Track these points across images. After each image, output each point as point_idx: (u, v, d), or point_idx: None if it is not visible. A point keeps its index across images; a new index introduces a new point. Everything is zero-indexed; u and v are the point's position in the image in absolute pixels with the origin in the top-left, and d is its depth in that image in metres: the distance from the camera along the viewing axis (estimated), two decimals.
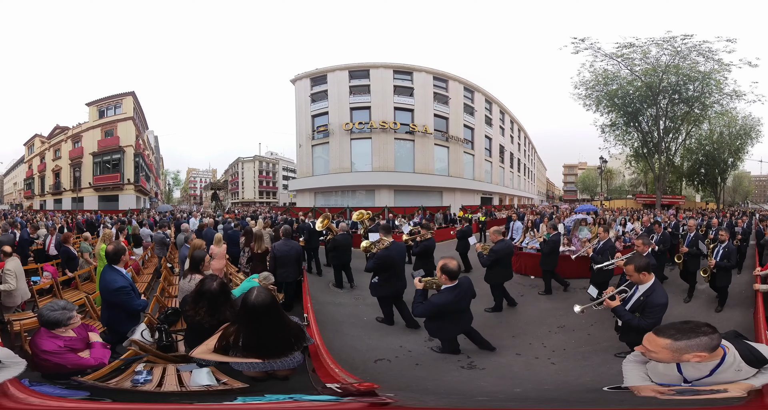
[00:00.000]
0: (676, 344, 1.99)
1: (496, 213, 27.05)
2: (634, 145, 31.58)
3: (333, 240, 8.53)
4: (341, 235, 8.49)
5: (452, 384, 4.27)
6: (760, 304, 5.50)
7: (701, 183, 36.29)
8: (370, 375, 4.48)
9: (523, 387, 4.25)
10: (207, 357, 2.74)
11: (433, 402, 2.60)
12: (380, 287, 5.94)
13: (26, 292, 5.88)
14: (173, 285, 7.49)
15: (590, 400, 2.54)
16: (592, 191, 50.38)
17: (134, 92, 34.65)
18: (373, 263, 5.96)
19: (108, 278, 4.21)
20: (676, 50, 26.29)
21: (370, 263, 6.10)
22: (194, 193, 67.73)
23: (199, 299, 3.38)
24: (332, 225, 9.28)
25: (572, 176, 64.59)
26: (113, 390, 2.62)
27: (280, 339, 2.70)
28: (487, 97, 35.52)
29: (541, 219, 13.31)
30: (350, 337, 5.81)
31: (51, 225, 12.81)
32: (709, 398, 1.98)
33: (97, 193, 33.14)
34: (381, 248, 6.12)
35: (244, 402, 2.28)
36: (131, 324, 4.14)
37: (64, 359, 2.91)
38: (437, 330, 4.84)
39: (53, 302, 3.20)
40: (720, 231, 7.33)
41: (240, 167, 57.63)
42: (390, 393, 2.24)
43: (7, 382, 1.78)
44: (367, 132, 28.78)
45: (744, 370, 2.02)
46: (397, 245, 6.34)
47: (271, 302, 2.72)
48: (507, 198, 40.63)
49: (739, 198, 46.04)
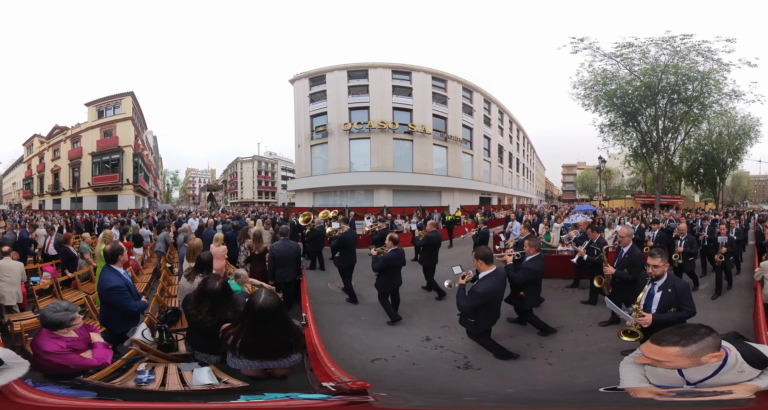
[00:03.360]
0: (688, 349, 1.95)
1: (495, 213, 27.09)
2: (633, 145, 31.55)
3: (312, 231, 10.60)
4: (318, 227, 10.70)
5: (446, 384, 4.30)
6: (760, 305, 5.53)
7: (700, 183, 36.30)
8: (367, 374, 4.51)
9: (516, 387, 4.27)
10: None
11: (419, 402, 2.62)
12: (339, 260, 8.00)
13: (12, 295, 5.83)
14: (173, 285, 7.52)
15: (581, 401, 2.55)
16: (591, 191, 50.36)
17: (133, 92, 34.59)
18: (335, 244, 8.07)
19: (104, 277, 4.23)
20: (676, 50, 26.30)
21: (333, 243, 8.15)
22: (193, 193, 67.63)
23: (202, 298, 3.41)
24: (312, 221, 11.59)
25: (571, 176, 64.56)
26: (121, 390, 2.64)
27: (281, 343, 2.74)
28: (486, 97, 35.53)
29: (540, 219, 13.35)
30: (348, 337, 5.85)
31: (50, 225, 12.81)
32: (714, 399, 1.96)
33: (96, 193, 33.09)
34: (340, 233, 8.28)
35: (246, 401, 2.32)
36: (127, 325, 4.16)
37: (67, 359, 2.93)
38: (476, 325, 4.85)
39: (56, 303, 3.21)
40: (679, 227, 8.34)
41: (239, 167, 57.52)
42: (382, 392, 2.27)
43: (13, 383, 1.80)
44: (365, 132, 28.78)
45: (747, 371, 2.00)
46: (352, 232, 8.73)
47: (278, 306, 2.75)
48: (506, 198, 40.65)
49: (738, 198, 46.08)
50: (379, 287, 6.69)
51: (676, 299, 3.94)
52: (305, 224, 11.11)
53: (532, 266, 5.61)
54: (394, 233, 7.23)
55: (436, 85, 30.57)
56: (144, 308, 4.49)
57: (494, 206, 33.82)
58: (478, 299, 4.59)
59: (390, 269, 6.63)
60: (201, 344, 3.46)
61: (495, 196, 37.87)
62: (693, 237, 8.33)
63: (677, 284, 4.01)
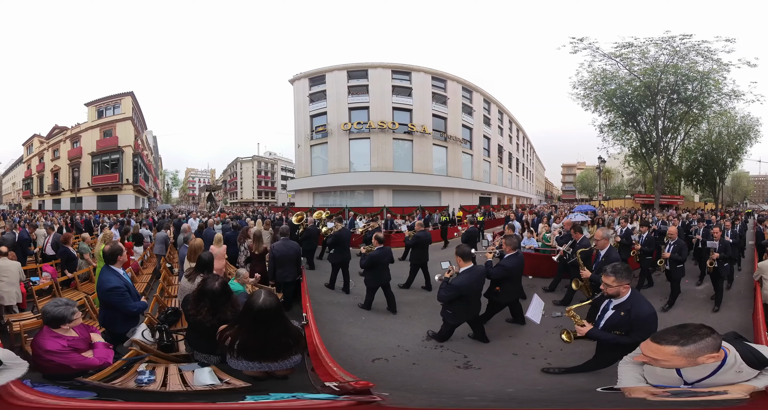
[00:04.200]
0: (686, 349, 1.96)
1: (495, 213, 27.09)
2: (633, 145, 31.53)
3: (305, 230, 11.06)
4: (311, 227, 11.23)
5: (447, 384, 4.31)
6: (759, 305, 5.53)
7: (700, 183, 36.28)
8: (368, 374, 4.52)
9: (515, 387, 4.27)
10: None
11: (424, 402, 2.62)
12: (333, 256, 8.65)
13: (12, 295, 5.84)
14: (173, 285, 7.51)
15: (576, 401, 2.55)
16: (591, 191, 50.37)
17: (133, 92, 34.60)
18: (330, 241, 9.08)
19: (103, 277, 4.23)
20: (675, 50, 26.30)
21: (329, 240, 9.19)
22: (193, 193, 67.59)
23: (201, 298, 3.41)
24: (305, 220, 12.32)
25: (571, 175, 64.56)
26: (121, 391, 2.64)
27: (281, 344, 2.74)
28: (486, 97, 35.54)
29: (539, 219, 13.34)
30: (349, 336, 5.85)
31: (50, 225, 12.81)
32: (708, 399, 1.96)
33: (96, 193, 33.09)
34: (335, 231, 9.29)
35: (254, 401, 2.32)
36: (126, 326, 4.16)
37: (68, 359, 2.93)
38: (454, 316, 5.33)
39: (55, 299, 3.25)
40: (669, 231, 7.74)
41: (239, 167, 57.48)
42: (385, 392, 2.27)
43: (11, 383, 1.80)
44: (365, 132, 28.79)
45: (745, 372, 2.00)
46: (346, 231, 9.69)
47: (277, 307, 2.75)
48: (505, 198, 40.66)
49: (737, 198, 46.09)
50: (367, 283, 7.21)
51: (628, 324, 3.61)
52: (298, 223, 11.58)
53: (508, 264, 5.91)
54: (379, 233, 7.65)
55: (435, 85, 30.58)
56: (144, 308, 4.49)
57: (494, 206, 33.83)
58: (452, 291, 5.09)
59: (377, 266, 7.04)
60: (200, 344, 3.46)
61: (495, 196, 37.88)
62: (683, 242, 7.59)
63: (637, 311, 3.61)
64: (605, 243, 6.15)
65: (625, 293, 3.73)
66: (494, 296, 6.04)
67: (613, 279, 3.70)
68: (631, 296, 3.72)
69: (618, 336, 3.65)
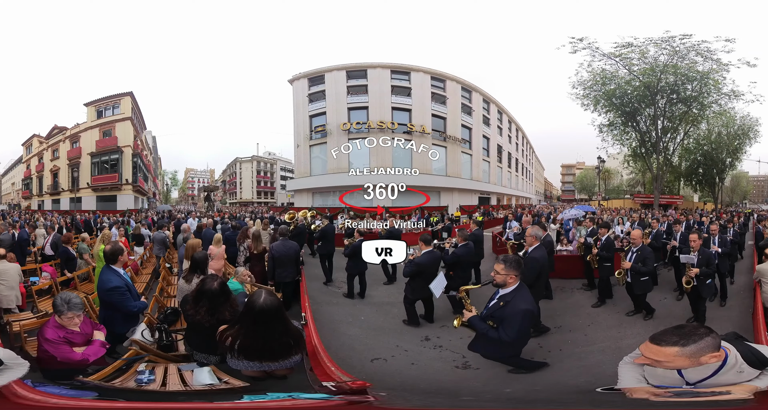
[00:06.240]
0: (687, 349, 1.94)
1: (494, 213, 27.10)
2: (632, 145, 31.48)
3: (295, 228, 11.19)
4: (300, 225, 11.56)
5: (445, 384, 4.31)
6: (759, 306, 5.52)
7: (699, 183, 36.28)
8: (366, 374, 4.53)
9: (513, 387, 4.27)
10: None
11: (419, 402, 2.62)
12: (321, 248, 9.63)
13: (11, 299, 5.82)
14: (172, 285, 7.51)
15: (575, 401, 2.55)
16: (590, 191, 50.36)
17: (132, 93, 34.45)
18: (318, 235, 9.93)
19: (104, 277, 4.24)
20: (675, 50, 26.25)
21: (317, 235, 10.04)
22: (192, 193, 67.54)
23: (200, 298, 3.42)
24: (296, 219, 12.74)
25: (570, 175, 64.48)
26: (121, 390, 2.65)
27: (281, 344, 2.74)
28: (485, 97, 35.47)
29: (538, 219, 13.36)
30: (347, 337, 5.87)
31: (49, 225, 12.80)
32: (711, 399, 1.96)
33: (96, 193, 33.02)
34: (322, 227, 10.18)
35: (251, 401, 2.32)
36: (127, 325, 4.17)
37: (57, 350, 2.97)
38: (413, 291, 6.32)
39: (75, 295, 3.42)
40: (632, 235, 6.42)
41: (238, 167, 57.26)
42: (382, 392, 2.27)
43: (13, 383, 1.81)
44: (364, 132, 28.77)
45: (746, 372, 2.00)
46: (331, 226, 10.51)
47: (278, 307, 2.76)
48: (505, 198, 40.61)
49: (737, 198, 46.09)
50: (348, 270, 8.14)
51: (502, 316, 3.55)
52: (290, 221, 12.20)
53: (458, 252, 7.00)
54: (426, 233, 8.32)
55: (435, 85, 30.52)
56: (144, 308, 4.50)
57: (493, 206, 33.79)
58: (411, 267, 6.33)
59: (357, 256, 7.90)
60: (199, 344, 3.46)
61: (494, 196, 37.81)
62: (649, 250, 6.33)
63: (515, 304, 3.52)
64: (533, 241, 5.90)
65: (511, 285, 3.71)
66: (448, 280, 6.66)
67: (503, 267, 3.72)
68: (516, 289, 3.71)
69: (489, 328, 3.67)
